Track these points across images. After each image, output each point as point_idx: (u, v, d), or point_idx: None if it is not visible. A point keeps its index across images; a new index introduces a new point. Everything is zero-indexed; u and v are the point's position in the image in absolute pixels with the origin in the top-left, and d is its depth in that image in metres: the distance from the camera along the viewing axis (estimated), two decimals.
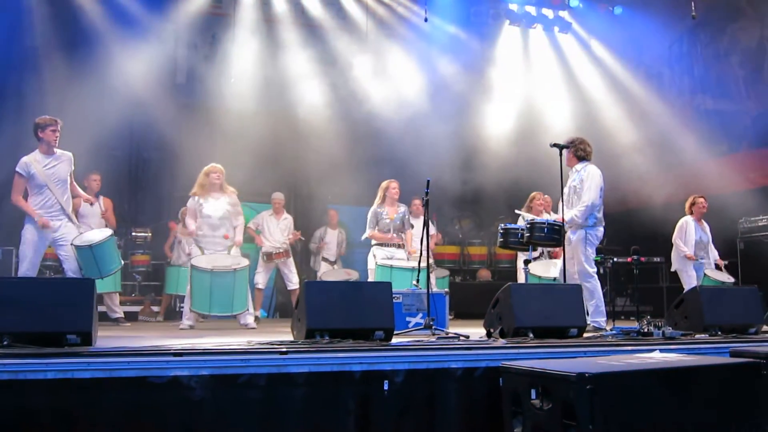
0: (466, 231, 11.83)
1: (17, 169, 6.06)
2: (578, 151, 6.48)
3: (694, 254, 8.09)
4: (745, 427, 3.48)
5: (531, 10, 11.88)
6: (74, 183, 6.41)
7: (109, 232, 6.58)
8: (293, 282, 8.41)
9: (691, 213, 8.28)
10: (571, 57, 12.37)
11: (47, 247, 6.27)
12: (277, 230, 8.57)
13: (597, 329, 6.04)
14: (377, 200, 7.70)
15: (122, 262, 6.70)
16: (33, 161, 6.06)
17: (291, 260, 8.54)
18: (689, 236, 8.17)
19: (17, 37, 10.27)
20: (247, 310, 6.99)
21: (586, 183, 6.35)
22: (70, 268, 6.14)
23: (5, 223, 9.40)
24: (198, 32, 11.44)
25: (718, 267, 8.40)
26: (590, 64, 12.19)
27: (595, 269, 6.38)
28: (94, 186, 7.98)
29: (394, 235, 7.54)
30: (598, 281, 6.43)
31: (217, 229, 7.12)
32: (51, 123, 6.09)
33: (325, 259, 9.65)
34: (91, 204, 7.17)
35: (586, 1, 11.87)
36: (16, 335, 3.61)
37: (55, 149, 6.16)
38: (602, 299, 6.38)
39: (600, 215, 6.41)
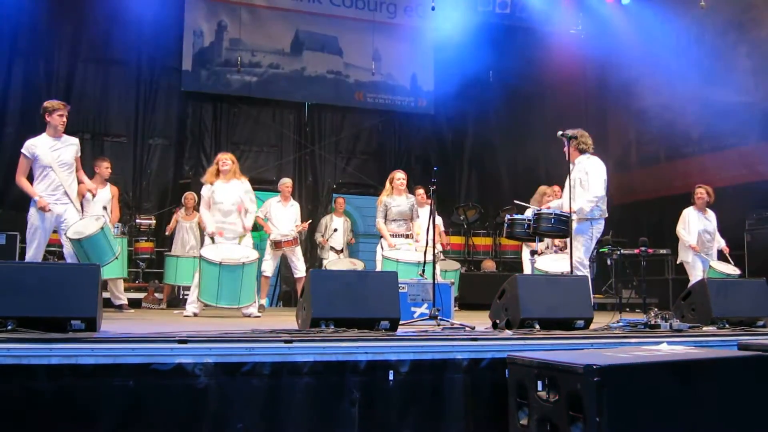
0: (471, 221, 11.78)
1: (22, 150, 6.05)
2: (580, 144, 6.46)
3: (697, 244, 8.04)
4: (753, 421, 3.46)
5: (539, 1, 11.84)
6: (81, 169, 6.37)
7: (100, 223, 6.29)
8: (300, 270, 8.38)
9: (694, 203, 8.25)
10: (579, 49, 12.32)
11: (53, 230, 6.24)
12: (285, 217, 8.53)
13: None
14: (386, 190, 7.67)
15: (117, 252, 6.41)
16: (38, 143, 6.05)
17: (299, 248, 8.51)
18: (691, 227, 8.12)
19: (24, 22, 10.27)
20: (254, 302, 7.00)
21: (592, 175, 6.33)
22: (69, 254, 6.12)
23: (9, 208, 9.43)
24: (204, 19, 11.43)
25: (722, 256, 8.31)
26: (598, 56, 12.13)
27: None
28: (105, 173, 7.74)
29: (400, 228, 7.52)
30: (589, 273, 6.43)
31: (229, 215, 7.11)
32: (59, 108, 6.07)
33: (332, 248, 9.60)
34: (93, 195, 6.99)
35: None
36: (21, 320, 3.59)
37: (62, 134, 6.15)
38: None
39: (604, 207, 6.39)
